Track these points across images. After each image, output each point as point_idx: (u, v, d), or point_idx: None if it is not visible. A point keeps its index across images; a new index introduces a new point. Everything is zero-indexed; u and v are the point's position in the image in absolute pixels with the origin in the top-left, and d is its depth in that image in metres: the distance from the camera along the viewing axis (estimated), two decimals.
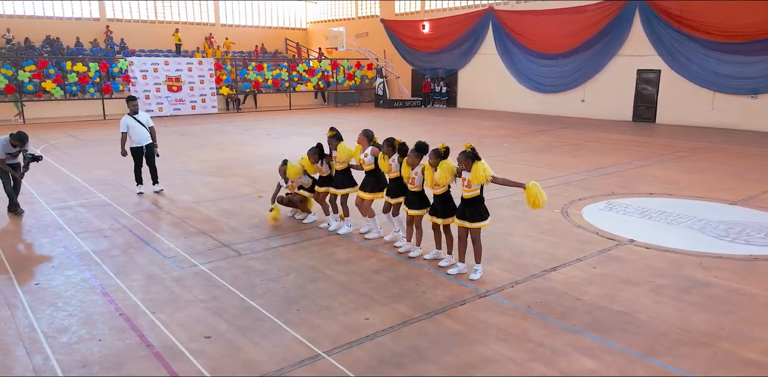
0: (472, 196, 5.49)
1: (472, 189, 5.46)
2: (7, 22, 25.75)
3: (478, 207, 5.53)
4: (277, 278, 5.57)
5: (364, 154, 6.70)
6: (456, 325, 4.59)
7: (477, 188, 5.45)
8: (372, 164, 6.67)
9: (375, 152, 6.64)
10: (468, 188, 5.47)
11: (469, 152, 5.49)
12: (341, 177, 6.93)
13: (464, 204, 5.56)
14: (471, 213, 5.50)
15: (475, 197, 5.48)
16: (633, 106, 20.49)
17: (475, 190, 5.46)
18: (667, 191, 9.37)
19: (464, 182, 5.51)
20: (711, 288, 5.35)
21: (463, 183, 5.52)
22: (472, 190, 5.46)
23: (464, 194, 5.54)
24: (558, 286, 5.38)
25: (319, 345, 4.23)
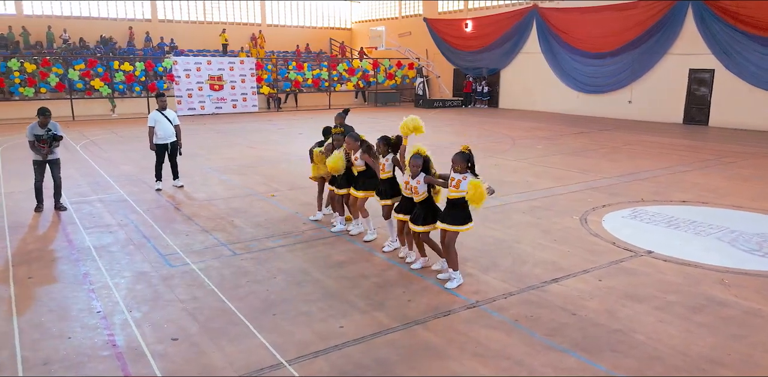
0: (456, 197, 5.21)
1: (460, 191, 5.16)
2: (64, 23, 26.92)
3: (464, 210, 5.23)
4: (264, 280, 5.44)
5: (354, 157, 6.52)
6: (433, 337, 4.33)
7: (464, 190, 5.13)
8: (363, 166, 6.52)
9: (366, 157, 6.41)
10: (456, 188, 5.19)
11: (466, 154, 5.20)
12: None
13: (448, 206, 5.31)
14: (452, 216, 5.25)
15: (459, 198, 5.19)
16: (684, 107, 19.42)
17: (462, 192, 5.14)
18: (703, 199, 8.73)
19: (452, 182, 5.22)
20: (727, 307, 4.87)
21: (451, 183, 5.23)
22: (459, 191, 5.16)
23: (450, 194, 5.26)
24: (555, 299, 5.02)
25: (284, 353, 4.06)
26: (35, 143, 7.81)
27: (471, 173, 5.19)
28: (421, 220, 5.52)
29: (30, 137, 7.77)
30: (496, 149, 13.92)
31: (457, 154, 5.22)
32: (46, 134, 7.82)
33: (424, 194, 5.52)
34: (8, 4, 26.01)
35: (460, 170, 5.20)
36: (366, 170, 6.53)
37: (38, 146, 7.85)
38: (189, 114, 22.53)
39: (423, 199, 5.54)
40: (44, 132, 7.79)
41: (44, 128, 7.77)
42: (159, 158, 9.38)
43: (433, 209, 5.57)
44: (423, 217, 5.52)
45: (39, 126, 7.77)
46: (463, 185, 5.12)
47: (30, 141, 7.81)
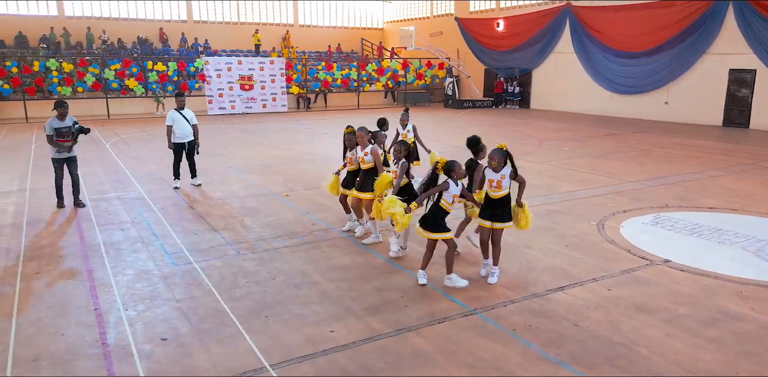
0: (501, 196, 5.35)
1: (501, 190, 5.31)
2: (104, 24, 27.71)
3: (508, 207, 5.40)
4: (263, 281, 5.41)
5: (364, 152, 6.46)
6: (424, 345, 4.20)
7: (507, 189, 5.33)
8: (372, 162, 6.43)
9: (375, 152, 6.39)
10: (498, 188, 5.30)
11: (504, 151, 5.29)
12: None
13: (492, 205, 5.38)
14: (500, 214, 5.37)
15: (504, 197, 5.36)
16: (723, 109, 18.66)
17: (504, 190, 5.32)
18: (733, 205, 8.32)
19: (492, 183, 5.29)
20: (742, 322, 4.58)
21: (491, 184, 5.30)
22: (501, 190, 5.32)
23: (493, 194, 5.34)
24: (557, 308, 4.82)
25: (270, 357, 4.00)
26: (53, 137, 7.85)
27: (513, 171, 5.29)
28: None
29: (49, 131, 7.84)
30: (521, 150, 13.62)
31: (496, 150, 5.26)
32: (73, 126, 7.93)
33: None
34: (51, 5, 26.93)
35: (495, 165, 5.20)
36: (373, 169, 6.42)
37: (57, 141, 7.88)
38: (219, 114, 22.89)
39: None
40: (70, 124, 7.90)
41: (63, 121, 7.88)
42: (177, 156, 9.49)
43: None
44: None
45: (58, 119, 7.88)
46: (504, 184, 5.25)
47: (48, 135, 7.85)
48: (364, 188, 6.46)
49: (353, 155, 6.63)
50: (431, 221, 5.24)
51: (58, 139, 7.86)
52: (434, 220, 5.23)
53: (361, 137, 6.46)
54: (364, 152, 6.45)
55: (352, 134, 6.61)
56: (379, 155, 6.49)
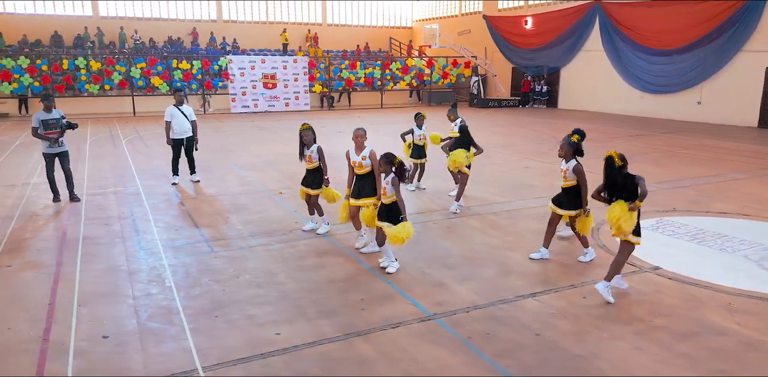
0: (568, 186, 5.70)
1: (568, 180, 5.64)
2: (137, 24, 28.33)
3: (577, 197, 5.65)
4: (226, 280, 5.28)
5: (361, 156, 5.94)
6: (369, 351, 3.98)
7: (573, 180, 5.62)
8: (369, 167, 5.98)
9: (375, 155, 5.96)
10: (565, 178, 5.69)
11: (573, 142, 5.56)
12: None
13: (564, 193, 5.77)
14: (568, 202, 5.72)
15: (571, 187, 5.67)
16: (759, 110, 17.70)
17: (571, 181, 5.62)
18: (747, 210, 7.79)
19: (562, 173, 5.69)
20: (722, 336, 4.20)
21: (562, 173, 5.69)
22: (568, 181, 5.65)
23: (563, 184, 5.74)
24: (523, 316, 4.53)
25: (205, 359, 3.86)
26: (39, 129, 7.85)
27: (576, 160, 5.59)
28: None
29: (35, 123, 7.85)
30: (535, 151, 13.22)
31: (566, 142, 5.59)
32: (60, 119, 7.99)
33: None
34: (86, 5, 27.69)
35: (564, 155, 5.60)
36: (370, 174, 5.96)
37: (46, 134, 7.87)
38: (242, 112, 23.07)
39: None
40: (57, 117, 7.95)
41: (50, 113, 7.93)
42: (175, 152, 9.51)
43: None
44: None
45: (44, 112, 7.94)
46: (569, 175, 5.58)
47: (34, 128, 7.86)
48: (364, 195, 5.94)
49: (311, 152, 6.46)
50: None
51: (46, 131, 7.93)
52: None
53: (359, 137, 5.92)
54: (362, 156, 5.89)
55: (308, 130, 6.43)
56: (377, 159, 6.06)
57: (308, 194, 6.68)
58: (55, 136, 7.98)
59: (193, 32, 28.98)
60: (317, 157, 6.56)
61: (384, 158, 5.42)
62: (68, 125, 8.02)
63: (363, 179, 5.99)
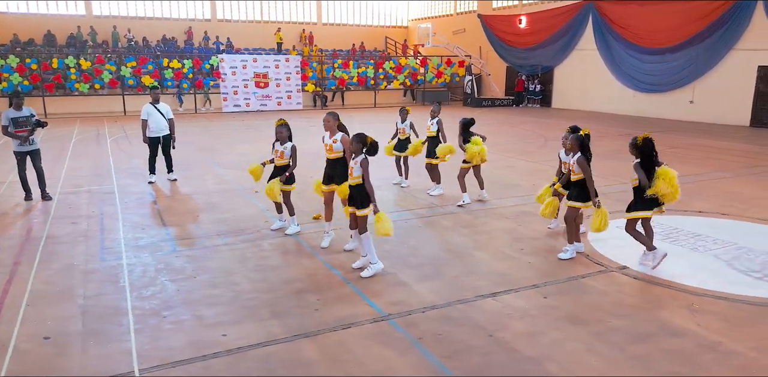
0: (576, 179, 5.76)
1: (576, 173, 5.73)
2: (130, 23, 28.25)
3: (583, 189, 5.71)
4: (181, 280, 5.18)
5: (332, 139, 5.93)
6: (314, 353, 3.88)
7: (579, 173, 5.70)
8: (340, 151, 5.94)
9: (346, 140, 5.87)
10: (573, 172, 5.77)
11: (580, 136, 5.69)
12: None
13: (574, 186, 5.82)
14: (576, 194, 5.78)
15: (579, 180, 5.74)
16: (751, 109, 17.58)
17: (578, 174, 5.71)
18: (726, 209, 7.68)
19: (566, 167, 5.89)
20: (679, 338, 4.09)
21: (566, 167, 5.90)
22: (576, 174, 5.73)
23: (572, 177, 5.82)
24: (479, 317, 4.43)
25: (144, 361, 3.76)
26: (9, 127, 7.75)
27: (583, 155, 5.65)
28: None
29: (5, 121, 7.74)
30: (521, 149, 13.11)
31: (574, 136, 5.69)
32: (30, 117, 7.89)
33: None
34: (79, 5, 27.60)
35: (570, 149, 5.75)
36: (342, 159, 5.91)
37: (15, 132, 7.77)
38: (234, 111, 22.97)
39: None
40: (27, 114, 7.85)
41: (20, 111, 7.82)
42: (152, 151, 9.41)
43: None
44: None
45: (14, 109, 7.83)
46: (576, 169, 5.65)
47: (4, 126, 7.76)
48: (334, 181, 6.00)
49: (284, 149, 6.38)
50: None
51: (16, 130, 7.83)
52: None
53: (329, 121, 5.95)
54: (333, 139, 5.92)
55: (283, 126, 6.35)
56: (348, 143, 6.00)
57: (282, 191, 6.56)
58: (25, 134, 7.87)
59: (189, 31, 28.89)
60: (289, 154, 6.44)
61: (356, 138, 5.26)
62: (38, 122, 7.92)
63: (333, 164, 6.00)
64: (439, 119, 8.65)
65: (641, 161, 5.37)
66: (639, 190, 5.41)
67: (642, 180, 5.32)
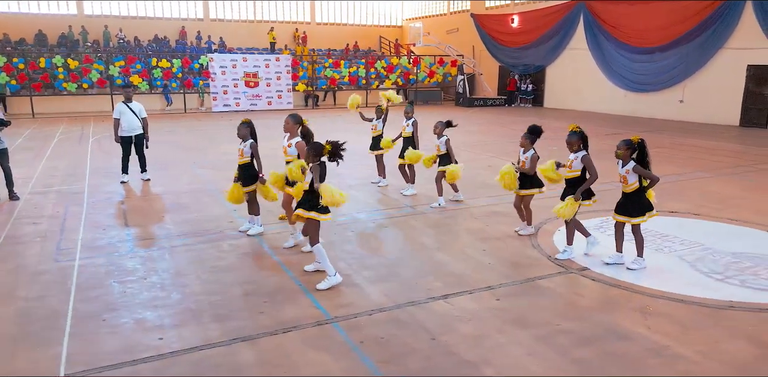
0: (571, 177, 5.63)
1: (573, 170, 5.57)
2: (122, 23, 28.16)
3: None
4: (131, 281, 5.08)
5: (288, 143, 5.98)
6: (249, 358, 3.78)
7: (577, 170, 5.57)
8: (294, 156, 5.95)
9: (301, 147, 5.81)
10: (570, 168, 5.59)
11: (579, 133, 5.54)
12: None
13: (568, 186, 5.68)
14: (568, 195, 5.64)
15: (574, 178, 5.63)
16: (741, 108, 17.45)
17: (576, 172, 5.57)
18: (699, 210, 7.57)
19: (567, 163, 5.62)
20: (626, 341, 3.98)
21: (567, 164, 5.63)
22: (573, 171, 5.57)
23: (566, 175, 5.67)
24: (426, 319, 4.32)
25: (72, 366, 3.66)
26: None
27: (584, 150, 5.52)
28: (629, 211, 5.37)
29: None
30: (505, 149, 12.99)
31: (572, 134, 5.51)
32: None
33: (634, 184, 5.22)
34: (71, 4, 27.52)
35: (576, 149, 5.50)
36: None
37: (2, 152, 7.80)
38: (224, 110, 22.87)
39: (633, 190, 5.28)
40: None
41: None
42: (125, 150, 9.32)
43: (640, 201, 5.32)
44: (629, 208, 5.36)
45: None
46: (575, 165, 5.48)
47: None
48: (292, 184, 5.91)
49: (244, 146, 6.29)
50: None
51: None
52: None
53: (288, 123, 5.94)
54: (289, 142, 5.96)
55: (246, 124, 6.26)
56: (304, 150, 5.92)
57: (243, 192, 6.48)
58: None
59: (182, 31, 28.80)
60: (249, 152, 6.36)
61: (312, 150, 5.08)
62: (0, 122, 7.83)
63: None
64: (415, 119, 8.57)
65: (640, 162, 5.18)
66: (638, 193, 5.25)
67: (653, 178, 5.17)
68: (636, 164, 5.19)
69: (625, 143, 5.24)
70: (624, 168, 5.24)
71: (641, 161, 5.16)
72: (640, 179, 5.21)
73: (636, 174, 5.19)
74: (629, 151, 5.19)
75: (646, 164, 5.17)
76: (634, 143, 5.16)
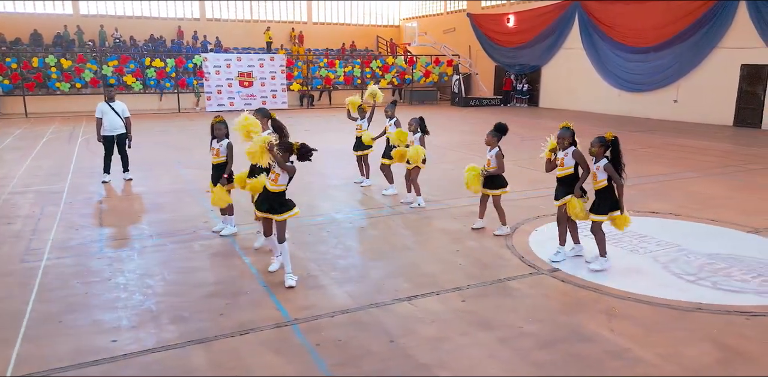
0: (563, 175, 5.49)
1: (565, 168, 5.43)
2: (118, 22, 28.12)
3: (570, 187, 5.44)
4: (95, 283, 5.03)
5: (220, 144, 6.23)
6: (201, 361, 3.72)
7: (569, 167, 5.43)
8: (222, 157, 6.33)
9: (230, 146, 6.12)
10: (561, 165, 5.46)
11: (570, 129, 5.40)
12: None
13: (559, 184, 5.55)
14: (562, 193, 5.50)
15: (566, 176, 5.47)
16: (735, 108, 17.35)
17: (567, 169, 5.43)
18: (681, 210, 7.49)
19: (558, 161, 5.49)
20: (588, 343, 3.91)
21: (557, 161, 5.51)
22: (565, 169, 5.44)
23: (558, 173, 5.53)
24: (388, 321, 4.26)
25: (19, 368, 3.60)
26: None
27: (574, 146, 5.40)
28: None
29: None
30: None
31: (565, 129, 5.38)
32: None
33: (603, 181, 5.17)
34: (66, 4, 27.49)
35: (567, 145, 5.37)
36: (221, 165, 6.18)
37: None
38: (218, 110, 22.81)
39: (602, 187, 5.22)
40: None
41: None
42: (107, 150, 9.27)
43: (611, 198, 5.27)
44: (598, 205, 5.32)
45: None
46: (567, 162, 5.37)
47: None
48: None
49: (220, 146, 6.23)
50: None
51: None
52: None
53: (257, 118, 5.82)
54: (220, 143, 6.22)
55: (221, 123, 6.20)
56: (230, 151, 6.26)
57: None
58: None
59: (180, 31, 28.77)
60: (225, 152, 6.30)
61: (282, 146, 4.95)
62: None
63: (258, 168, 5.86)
64: (397, 118, 8.50)
65: (612, 160, 5.11)
66: (606, 190, 5.18)
67: (616, 180, 5.12)
68: (608, 163, 5.11)
69: (599, 141, 5.18)
70: (596, 165, 5.17)
71: (615, 159, 5.08)
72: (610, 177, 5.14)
73: (605, 172, 5.11)
74: (603, 148, 5.12)
75: (620, 162, 5.10)
76: (608, 140, 5.09)
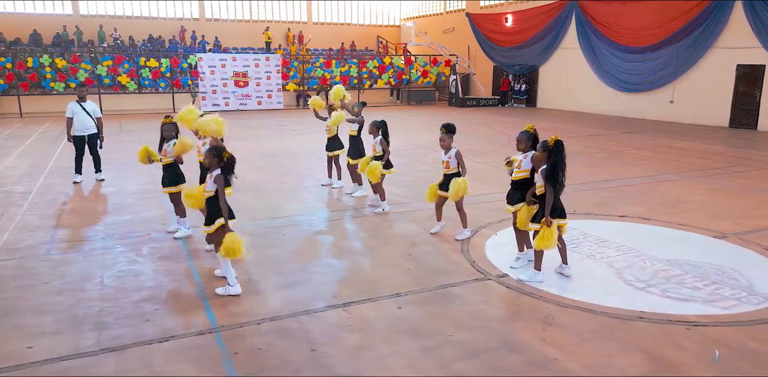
0: (519, 178, 5.31)
1: (522, 170, 5.27)
2: (117, 22, 28.21)
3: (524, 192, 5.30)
4: (32, 286, 4.95)
5: (202, 142, 6.02)
6: (110, 370, 3.61)
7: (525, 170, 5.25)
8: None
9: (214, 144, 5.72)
10: (519, 168, 5.28)
11: (530, 133, 5.23)
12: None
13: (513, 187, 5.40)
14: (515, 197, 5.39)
15: (522, 180, 5.28)
16: (730, 109, 17.05)
17: (524, 172, 5.25)
18: (652, 214, 7.31)
19: (515, 163, 5.34)
20: (514, 354, 3.77)
21: (515, 164, 5.35)
22: (522, 171, 5.27)
23: (514, 176, 5.36)
24: (315, 329, 4.14)
25: None
26: None
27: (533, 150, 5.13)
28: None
29: None
30: (480, 150, 12.75)
31: (522, 132, 5.22)
32: None
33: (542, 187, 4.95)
34: (66, 4, 27.62)
35: (523, 149, 5.21)
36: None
37: None
38: (213, 110, 22.79)
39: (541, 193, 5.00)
40: None
41: None
42: (78, 150, 9.22)
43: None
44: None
45: None
46: (524, 165, 5.18)
47: None
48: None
49: (169, 147, 6.17)
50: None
51: None
52: None
53: None
54: (203, 141, 6.06)
55: (171, 124, 6.13)
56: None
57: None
58: None
59: (181, 31, 28.82)
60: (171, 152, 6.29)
61: (212, 151, 4.86)
62: None
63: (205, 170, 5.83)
64: (362, 117, 8.37)
65: (550, 168, 4.80)
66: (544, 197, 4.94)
67: (546, 188, 4.81)
68: (545, 168, 4.84)
69: (527, 138, 5.21)
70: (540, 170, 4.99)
71: (554, 165, 4.84)
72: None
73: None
74: (545, 153, 4.90)
75: (559, 168, 4.80)
76: (549, 144, 4.90)
